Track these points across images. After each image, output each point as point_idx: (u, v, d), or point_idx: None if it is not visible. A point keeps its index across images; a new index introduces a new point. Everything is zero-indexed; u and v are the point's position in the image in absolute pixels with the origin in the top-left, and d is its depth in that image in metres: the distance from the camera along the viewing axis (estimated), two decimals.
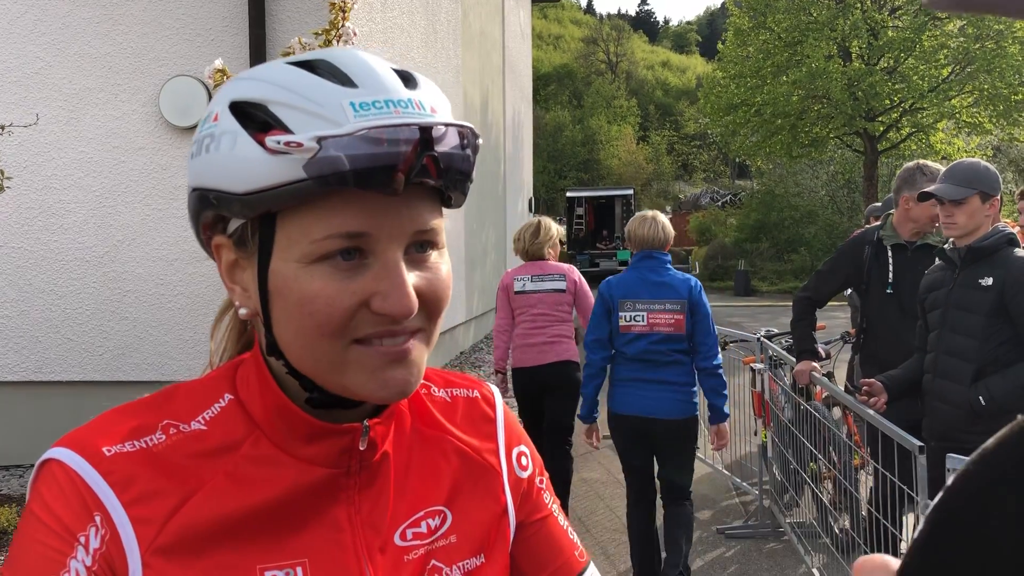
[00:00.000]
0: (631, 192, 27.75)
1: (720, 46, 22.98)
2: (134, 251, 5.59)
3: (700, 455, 5.72)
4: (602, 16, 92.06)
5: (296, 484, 0.72)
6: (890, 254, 3.75)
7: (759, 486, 5.09)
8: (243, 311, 0.74)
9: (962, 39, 18.87)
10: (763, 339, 5.16)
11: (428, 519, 0.79)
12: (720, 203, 38.48)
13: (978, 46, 18.44)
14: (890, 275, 3.73)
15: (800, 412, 4.54)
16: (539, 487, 0.90)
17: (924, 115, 19.42)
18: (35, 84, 5.55)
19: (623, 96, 62.94)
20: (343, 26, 3.38)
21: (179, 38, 5.52)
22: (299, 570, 0.71)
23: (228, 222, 0.71)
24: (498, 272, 12.52)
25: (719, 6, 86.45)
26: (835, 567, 3.97)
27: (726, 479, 5.72)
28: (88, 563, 0.65)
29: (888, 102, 19.48)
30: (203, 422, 0.73)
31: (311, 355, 0.69)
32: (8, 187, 4.59)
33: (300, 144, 0.63)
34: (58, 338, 5.61)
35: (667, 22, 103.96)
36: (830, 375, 4.83)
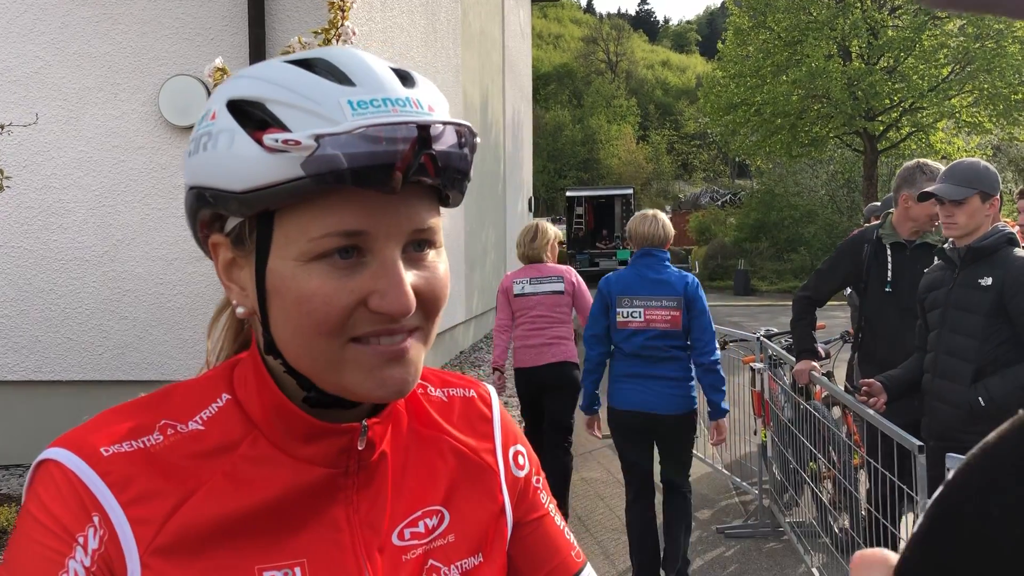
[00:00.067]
0: (631, 192, 27.69)
1: (720, 45, 22.98)
2: (134, 250, 5.58)
3: (700, 454, 5.72)
4: (602, 15, 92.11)
5: (294, 484, 0.72)
6: (889, 253, 3.75)
7: (759, 485, 5.09)
8: (240, 310, 0.74)
9: (962, 39, 18.86)
10: (763, 338, 5.16)
11: (426, 519, 0.79)
12: (720, 202, 38.47)
13: (978, 45, 18.44)
14: (889, 274, 3.73)
15: (800, 412, 4.54)
16: (536, 487, 0.90)
17: (924, 115, 19.42)
18: (34, 83, 5.54)
19: (623, 95, 62.98)
20: (342, 25, 3.37)
21: (179, 37, 5.52)
22: (298, 570, 0.71)
23: (225, 220, 0.71)
24: (498, 271, 12.52)
25: (719, 5, 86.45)
26: (835, 566, 3.97)
27: (726, 479, 5.72)
28: (87, 563, 0.64)
29: (888, 101, 19.48)
30: (201, 422, 0.72)
31: (309, 354, 0.69)
32: (8, 186, 4.59)
33: (298, 142, 0.63)
34: (58, 338, 5.61)
35: (667, 21, 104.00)
36: (830, 375, 4.83)
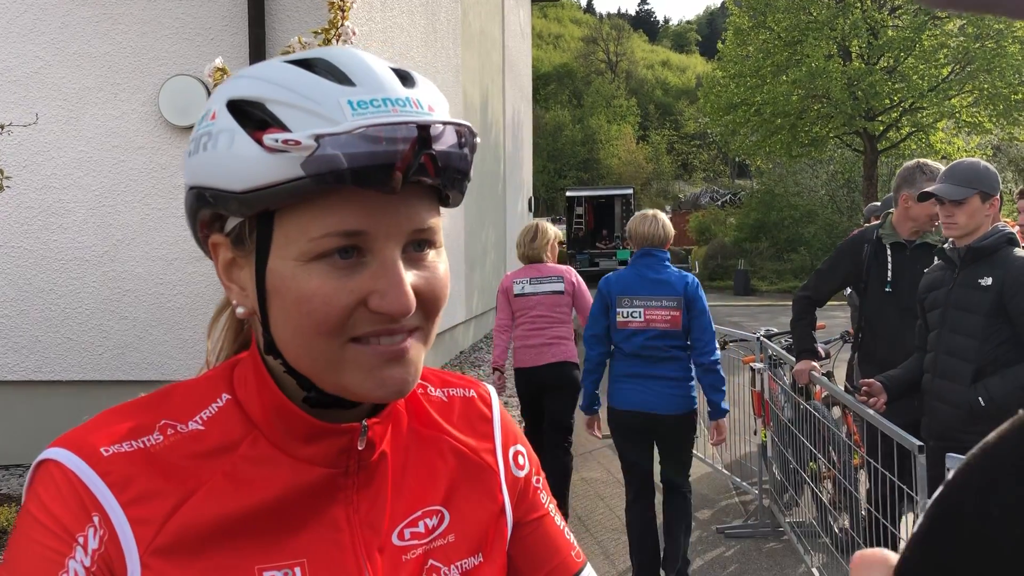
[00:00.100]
0: (631, 192, 27.67)
1: (720, 45, 22.98)
2: (134, 250, 5.58)
3: (700, 454, 5.72)
4: (602, 15, 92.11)
5: (294, 484, 0.72)
6: (889, 253, 3.75)
7: (759, 485, 5.09)
8: (240, 310, 0.74)
9: (962, 39, 18.86)
10: (763, 338, 5.16)
11: (426, 519, 0.79)
12: (720, 202, 38.46)
13: (978, 45, 18.43)
14: (889, 274, 3.73)
15: (800, 412, 4.54)
16: (535, 486, 0.90)
17: (924, 115, 19.42)
18: (34, 83, 5.54)
19: (623, 95, 62.97)
20: (342, 25, 3.37)
21: (179, 37, 5.52)
22: (297, 570, 0.71)
23: (225, 220, 0.71)
24: (498, 271, 12.51)
25: (719, 5, 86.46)
26: (834, 566, 3.97)
27: (726, 479, 5.72)
28: (87, 563, 0.64)
29: (888, 101, 19.48)
30: (200, 422, 0.72)
31: (308, 354, 0.69)
32: (8, 186, 4.59)
33: (298, 142, 0.63)
34: (58, 337, 5.61)
35: (667, 21, 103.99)
36: (830, 375, 4.83)
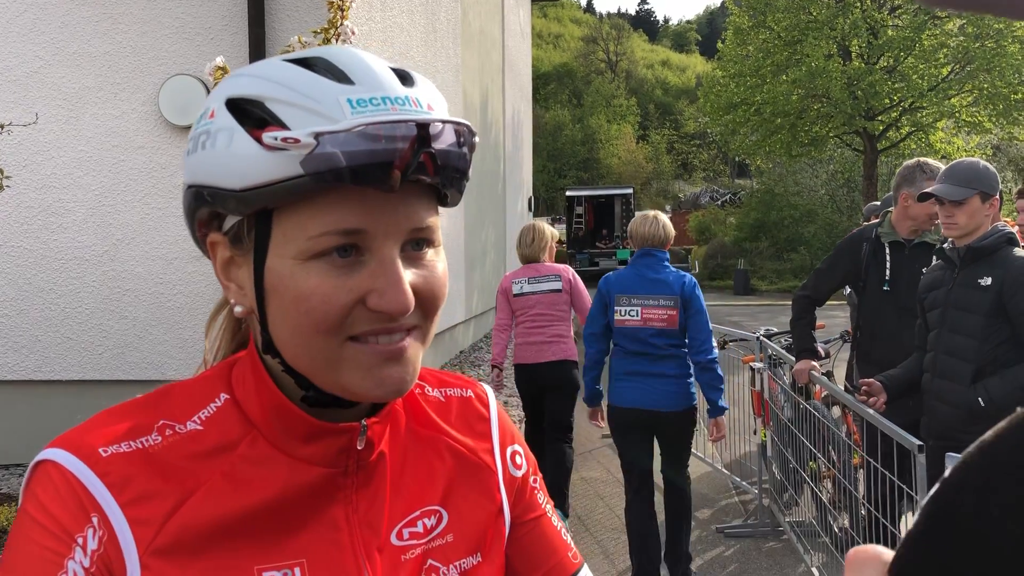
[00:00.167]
0: (631, 191, 27.69)
1: (720, 45, 22.99)
2: (133, 250, 5.58)
3: (699, 453, 5.72)
4: (602, 15, 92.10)
5: (293, 484, 0.72)
6: (888, 252, 3.75)
7: (758, 485, 5.09)
8: (239, 309, 0.73)
9: (962, 38, 18.86)
10: (762, 338, 5.16)
11: (424, 519, 0.79)
12: (720, 202, 38.48)
13: (978, 45, 18.43)
14: (887, 272, 3.73)
15: (799, 411, 4.54)
16: (533, 486, 0.90)
17: (924, 114, 19.42)
18: (34, 83, 5.54)
19: (623, 95, 62.97)
20: (342, 25, 3.37)
21: (178, 37, 5.51)
22: (297, 570, 0.70)
23: (224, 219, 0.71)
24: (498, 271, 12.52)
25: (719, 5, 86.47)
26: (834, 566, 3.97)
27: (725, 478, 5.72)
28: (86, 564, 0.64)
29: (888, 101, 19.48)
30: (199, 422, 0.72)
31: (307, 352, 0.69)
32: (7, 186, 4.58)
33: (297, 140, 0.62)
34: (57, 337, 5.61)
35: (667, 21, 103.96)
36: (829, 374, 4.83)
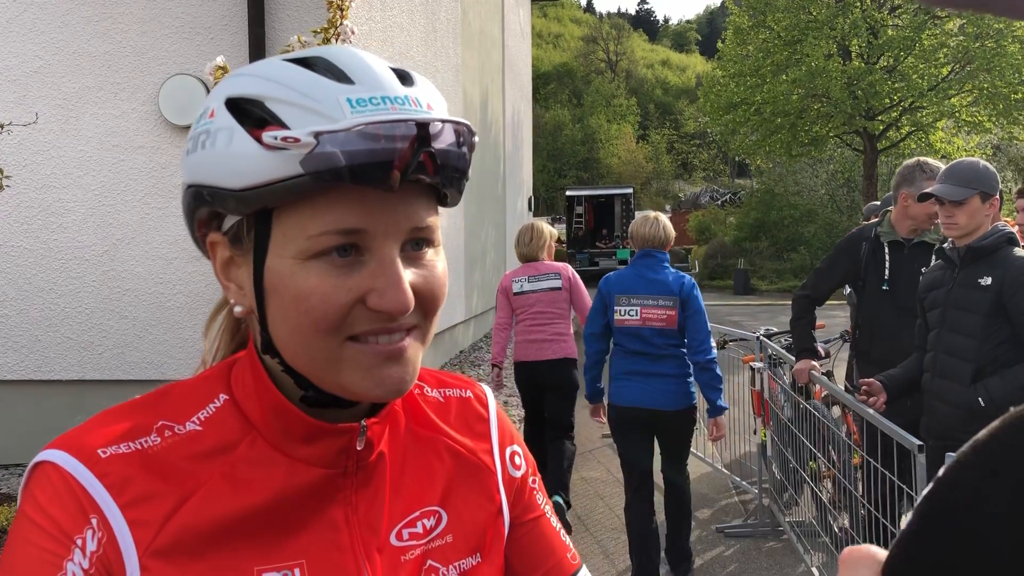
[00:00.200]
0: (631, 191, 27.70)
1: (720, 45, 22.98)
2: (133, 250, 5.58)
3: (699, 453, 5.72)
4: (602, 15, 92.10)
5: (293, 485, 0.72)
6: (887, 251, 3.75)
7: (758, 485, 5.09)
8: (238, 309, 0.73)
9: (962, 38, 18.86)
10: (762, 338, 5.16)
11: (423, 519, 0.79)
12: (720, 202, 38.48)
13: (978, 45, 18.43)
14: (886, 272, 3.73)
15: (799, 411, 4.54)
16: (532, 487, 0.90)
17: (924, 114, 19.42)
18: (34, 83, 5.54)
19: (623, 95, 62.96)
20: (341, 24, 3.37)
21: (178, 36, 5.51)
22: (297, 571, 0.70)
23: (223, 219, 0.71)
24: (498, 270, 12.52)
25: (719, 5, 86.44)
26: (834, 566, 3.97)
27: (725, 478, 5.72)
28: (85, 566, 0.63)
29: (888, 101, 19.48)
30: (198, 423, 0.72)
31: (306, 352, 0.69)
32: (7, 186, 4.58)
33: (297, 139, 0.62)
34: (57, 337, 5.61)
35: (667, 21, 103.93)
36: (829, 374, 4.83)
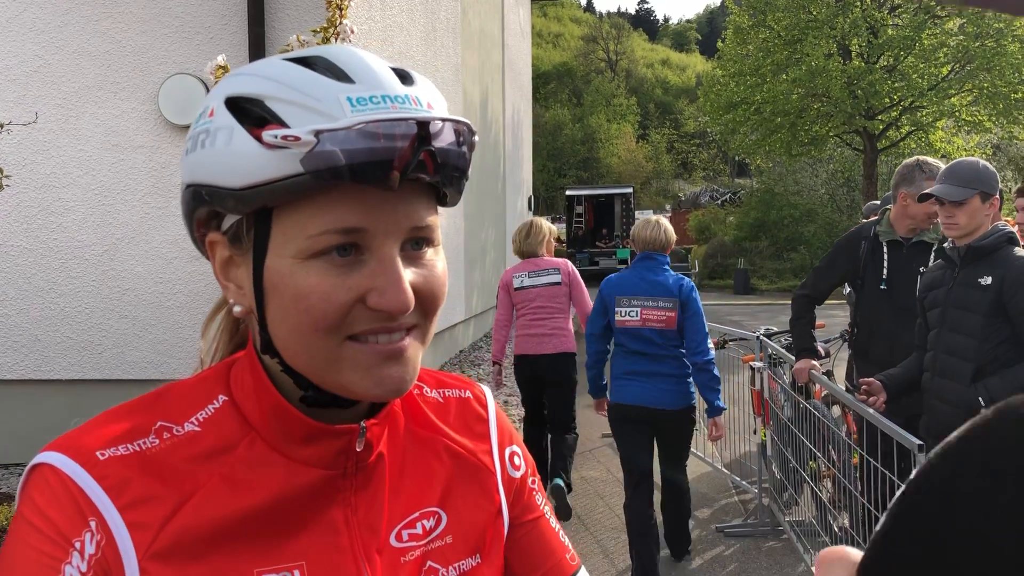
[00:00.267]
0: (630, 190, 27.68)
1: (720, 44, 22.99)
2: (133, 249, 5.58)
3: (699, 453, 5.72)
4: (602, 14, 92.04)
5: (292, 486, 0.72)
6: (885, 250, 3.75)
7: (758, 484, 5.08)
8: (237, 308, 0.73)
9: (962, 37, 18.86)
10: (762, 337, 5.16)
11: (423, 520, 0.79)
12: (720, 201, 38.49)
13: (978, 44, 18.43)
14: (885, 271, 3.73)
15: (799, 410, 4.54)
16: (531, 487, 0.90)
17: (924, 113, 19.43)
18: (34, 82, 5.54)
19: (623, 94, 62.94)
20: (341, 24, 3.37)
21: (178, 36, 5.51)
22: (296, 573, 0.70)
23: (223, 219, 0.71)
24: (498, 270, 12.52)
25: (719, 4, 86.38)
26: None
27: (725, 478, 5.72)
28: (83, 568, 0.63)
29: (888, 100, 19.48)
30: (197, 424, 0.71)
31: (306, 352, 0.69)
32: (7, 185, 4.58)
33: (297, 138, 0.62)
34: (57, 336, 5.61)
35: (667, 20, 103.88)
36: (829, 373, 4.83)
